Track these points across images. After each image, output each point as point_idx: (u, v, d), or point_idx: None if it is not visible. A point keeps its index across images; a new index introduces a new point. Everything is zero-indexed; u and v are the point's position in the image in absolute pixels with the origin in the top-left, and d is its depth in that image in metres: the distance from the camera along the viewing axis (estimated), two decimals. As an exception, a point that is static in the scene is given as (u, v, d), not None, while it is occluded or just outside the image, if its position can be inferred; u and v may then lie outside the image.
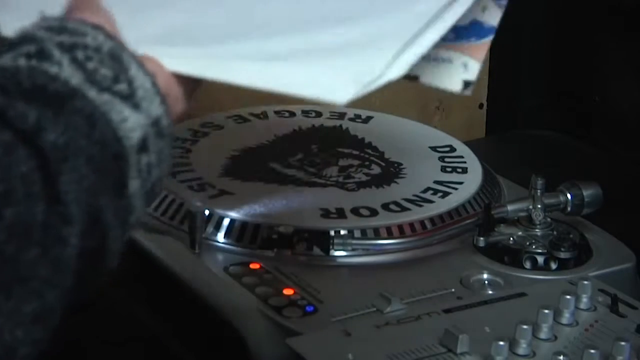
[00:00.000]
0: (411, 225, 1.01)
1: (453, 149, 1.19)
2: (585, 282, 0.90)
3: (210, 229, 1.00)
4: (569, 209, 1.04)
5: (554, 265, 0.99)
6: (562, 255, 0.99)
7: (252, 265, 0.97)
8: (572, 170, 1.19)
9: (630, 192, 1.28)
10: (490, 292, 0.95)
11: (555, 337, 0.84)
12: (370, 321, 0.87)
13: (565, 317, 0.86)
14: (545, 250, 1.00)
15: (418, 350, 0.82)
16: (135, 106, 0.52)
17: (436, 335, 0.83)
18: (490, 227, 1.01)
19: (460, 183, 1.10)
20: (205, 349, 0.94)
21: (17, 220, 0.47)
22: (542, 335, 0.84)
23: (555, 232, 1.02)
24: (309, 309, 0.90)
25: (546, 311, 0.84)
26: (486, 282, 0.97)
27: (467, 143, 1.22)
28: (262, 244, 0.98)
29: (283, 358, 0.85)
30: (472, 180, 1.11)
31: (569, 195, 1.04)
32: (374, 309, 0.90)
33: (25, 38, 0.51)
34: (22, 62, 0.50)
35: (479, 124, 1.73)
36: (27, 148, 0.47)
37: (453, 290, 0.94)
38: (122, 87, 0.52)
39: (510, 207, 1.04)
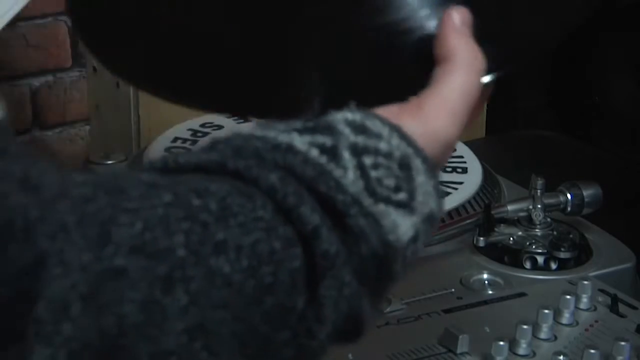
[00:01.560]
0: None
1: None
2: (585, 282, 0.90)
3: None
4: (569, 209, 1.04)
5: (554, 265, 0.99)
6: (562, 255, 0.99)
7: (252, 265, 0.96)
8: (572, 170, 1.19)
9: (630, 192, 1.28)
10: (490, 292, 0.95)
11: (555, 337, 0.84)
12: (370, 321, 0.87)
13: (565, 317, 0.87)
14: (545, 250, 1.00)
15: (418, 350, 0.82)
16: (411, 211, 0.53)
17: (436, 335, 0.83)
18: (490, 227, 1.01)
19: (460, 183, 1.10)
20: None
21: (277, 307, 0.50)
22: (542, 335, 0.84)
23: (555, 232, 1.02)
24: (309, 309, 0.90)
25: (546, 311, 0.84)
26: (486, 282, 0.97)
27: (467, 143, 1.22)
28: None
29: (283, 358, 0.85)
30: (472, 180, 1.11)
31: (569, 195, 1.04)
32: (374, 309, 0.90)
33: (326, 126, 0.53)
34: (314, 153, 0.52)
35: (479, 124, 1.73)
36: (301, 247, 0.50)
37: (453, 290, 0.94)
38: (401, 196, 0.53)
39: (510, 207, 1.04)
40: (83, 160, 1.21)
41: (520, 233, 1.03)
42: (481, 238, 1.00)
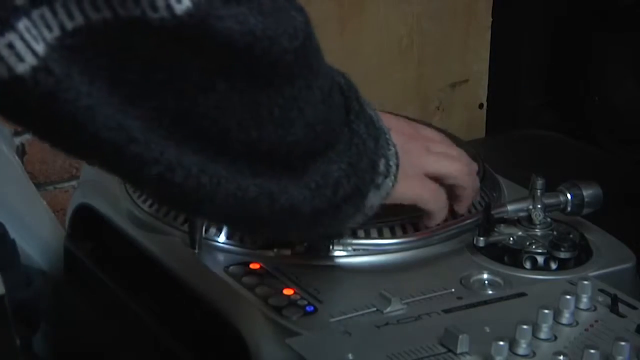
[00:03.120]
0: (411, 225, 1.01)
1: (453, 149, 1.19)
2: (585, 282, 0.90)
3: (210, 229, 1.00)
4: (569, 209, 1.04)
5: (554, 265, 0.99)
6: (562, 255, 0.99)
7: (252, 265, 0.97)
8: (572, 170, 1.19)
9: (630, 192, 1.28)
10: (490, 292, 0.95)
11: (555, 337, 0.84)
12: (370, 321, 0.87)
13: (565, 317, 0.86)
14: (545, 250, 1.00)
15: (418, 350, 0.82)
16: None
17: (436, 335, 0.83)
18: (490, 227, 1.01)
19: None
20: (205, 349, 0.94)
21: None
22: (542, 335, 0.84)
23: (555, 232, 1.02)
24: (309, 309, 0.90)
25: (546, 311, 0.84)
26: (486, 282, 0.97)
27: (467, 143, 1.22)
28: (262, 244, 0.98)
29: (283, 358, 0.85)
30: (472, 180, 1.11)
31: (569, 195, 1.04)
32: (374, 309, 0.90)
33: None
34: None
35: (479, 124, 1.73)
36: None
37: (453, 290, 0.94)
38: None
39: (510, 207, 1.04)
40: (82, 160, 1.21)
41: (520, 233, 1.03)
42: (481, 238, 1.00)
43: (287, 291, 0.93)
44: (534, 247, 1.00)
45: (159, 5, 0.61)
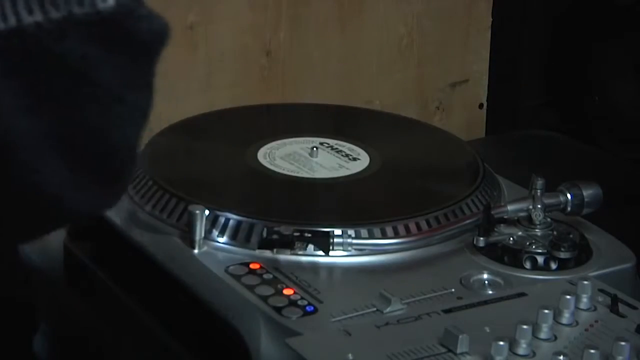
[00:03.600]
0: (411, 225, 1.01)
1: (453, 149, 1.19)
2: (585, 282, 0.90)
3: (210, 228, 1.00)
4: (569, 209, 1.04)
5: (554, 265, 0.99)
6: (562, 255, 0.99)
7: (252, 265, 0.97)
8: (572, 170, 1.19)
9: (630, 192, 1.28)
10: (490, 292, 0.95)
11: (555, 337, 0.85)
12: (370, 321, 0.87)
13: (565, 317, 0.87)
14: (545, 250, 1.00)
15: (418, 350, 0.82)
16: None
17: (436, 335, 0.83)
18: (490, 227, 1.01)
19: (460, 183, 1.10)
20: (205, 349, 0.94)
21: None
22: (542, 335, 0.84)
23: (555, 232, 1.02)
24: (309, 309, 0.90)
25: (546, 311, 0.84)
26: (486, 282, 0.97)
27: (467, 143, 1.22)
28: (262, 244, 0.98)
29: (283, 358, 0.85)
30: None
31: (569, 195, 1.04)
32: (374, 309, 0.90)
33: None
34: None
35: (479, 124, 1.73)
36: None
37: (453, 290, 0.94)
38: None
39: (510, 207, 1.04)
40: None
41: (520, 233, 1.03)
42: (481, 238, 1.00)
43: (287, 291, 0.93)
44: (534, 247, 1.00)
45: (85, 2, 0.63)
